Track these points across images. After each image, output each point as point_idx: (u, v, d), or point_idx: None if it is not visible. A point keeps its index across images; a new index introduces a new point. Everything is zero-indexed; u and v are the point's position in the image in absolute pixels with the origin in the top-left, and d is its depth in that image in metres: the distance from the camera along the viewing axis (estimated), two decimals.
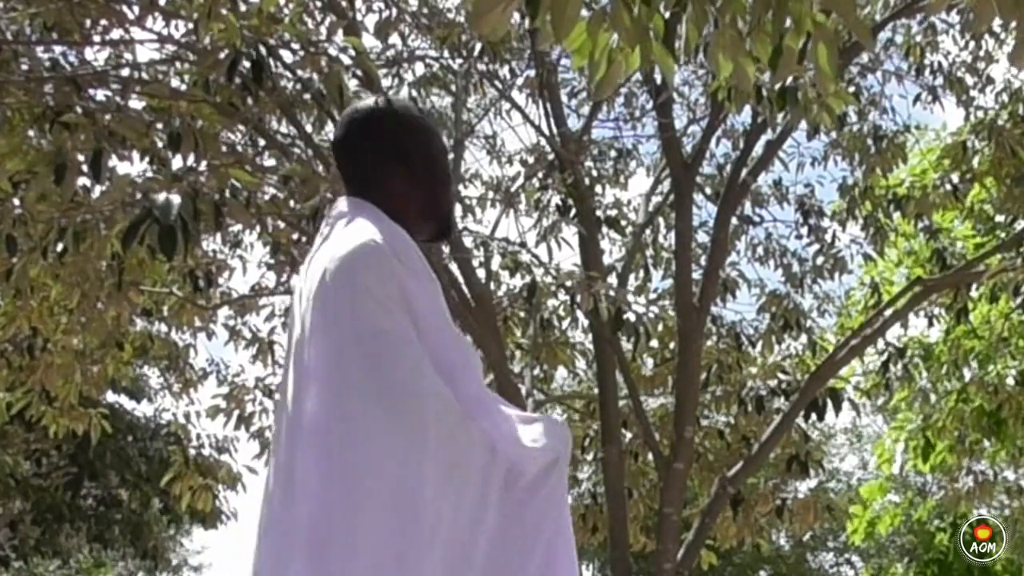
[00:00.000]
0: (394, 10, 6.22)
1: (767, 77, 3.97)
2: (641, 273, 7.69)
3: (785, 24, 2.12)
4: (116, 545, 13.44)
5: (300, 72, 5.09)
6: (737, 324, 7.48)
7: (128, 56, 5.34)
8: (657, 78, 6.22)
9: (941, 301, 7.53)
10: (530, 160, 7.33)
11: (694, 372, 6.44)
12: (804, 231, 7.66)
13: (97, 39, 5.17)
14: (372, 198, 1.84)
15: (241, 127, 5.48)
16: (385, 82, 6.64)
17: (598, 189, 7.54)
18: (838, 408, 6.44)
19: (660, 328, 6.81)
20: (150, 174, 4.54)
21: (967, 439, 8.83)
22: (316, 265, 1.75)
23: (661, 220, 7.94)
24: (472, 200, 7.04)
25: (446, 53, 6.62)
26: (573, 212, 6.87)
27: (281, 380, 1.82)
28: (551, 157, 6.92)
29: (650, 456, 6.83)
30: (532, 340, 6.82)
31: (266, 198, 5.05)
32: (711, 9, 2.22)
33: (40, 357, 6.10)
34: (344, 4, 5.67)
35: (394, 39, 6.48)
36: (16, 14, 4.81)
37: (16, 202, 4.52)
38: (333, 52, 4.67)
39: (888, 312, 6.78)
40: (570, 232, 6.91)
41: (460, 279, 6.05)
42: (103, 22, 5.01)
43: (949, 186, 7.33)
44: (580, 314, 5.94)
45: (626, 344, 6.18)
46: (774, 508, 7.25)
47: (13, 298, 5.45)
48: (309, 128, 5.72)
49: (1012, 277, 6.78)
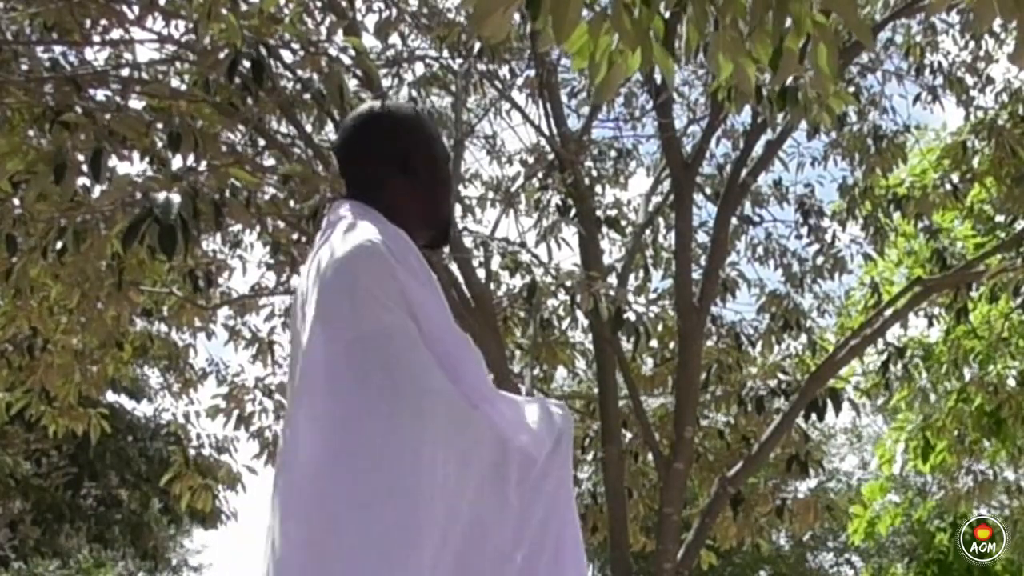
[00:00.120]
0: (394, 10, 6.23)
1: (767, 77, 3.98)
2: (641, 273, 7.68)
3: (785, 24, 2.12)
4: (116, 545, 13.44)
5: (300, 72, 5.09)
6: (737, 324, 7.47)
7: (128, 56, 5.34)
8: (657, 78, 6.22)
9: (941, 301, 7.52)
10: (530, 160, 7.33)
11: (694, 372, 6.44)
12: (804, 231, 7.66)
13: (97, 39, 5.17)
14: (372, 202, 1.84)
15: (241, 127, 5.48)
16: (385, 82, 6.64)
17: (598, 189, 7.55)
18: (838, 408, 6.44)
19: (660, 328, 6.81)
20: (150, 174, 4.54)
21: (967, 439, 8.84)
22: (316, 266, 1.75)
23: (661, 220, 7.94)
24: (472, 200, 7.05)
25: (446, 53, 6.62)
26: (573, 212, 6.87)
27: (288, 384, 1.82)
28: (551, 157, 6.92)
29: (650, 456, 6.82)
30: (532, 340, 6.81)
31: (266, 198, 5.05)
32: (711, 10, 2.22)
33: (40, 357, 6.10)
34: (344, 4, 5.68)
35: (394, 39, 6.49)
36: (16, 14, 4.81)
37: (16, 202, 4.52)
38: (333, 52, 4.68)
39: (888, 312, 6.78)
40: (570, 232, 6.92)
41: (460, 279, 6.05)
42: (103, 22, 5.01)
43: (949, 186, 7.33)
44: (580, 314, 5.93)
45: (626, 344, 6.18)
46: (774, 508, 7.25)
47: (13, 298, 5.45)
48: (309, 128, 5.72)
49: (1012, 277, 6.78)
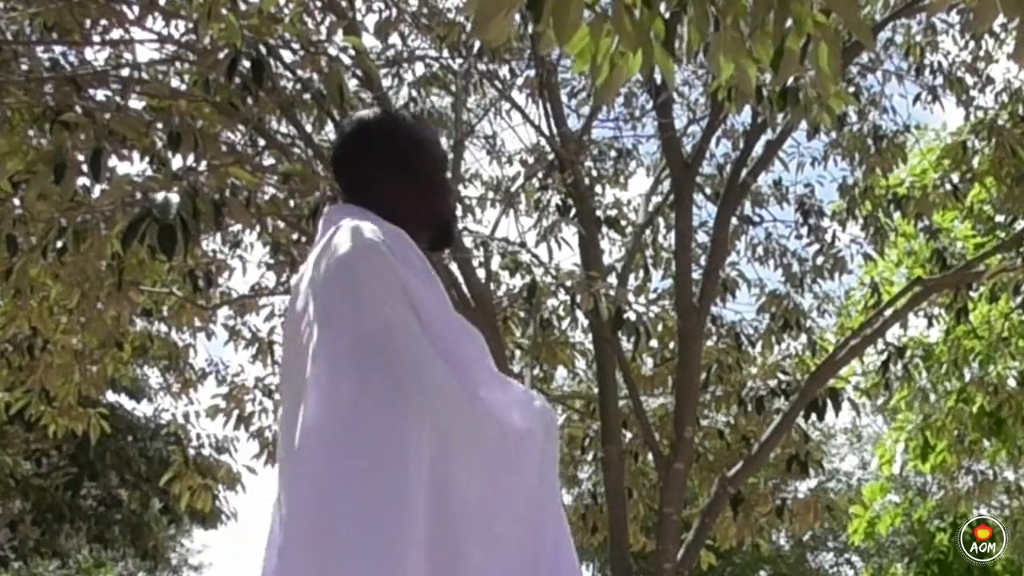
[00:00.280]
0: (394, 10, 6.22)
1: (768, 77, 3.97)
2: (641, 273, 7.68)
3: (786, 25, 2.12)
4: (116, 545, 13.44)
5: (300, 72, 5.09)
6: (737, 324, 7.47)
7: (128, 56, 5.34)
8: (657, 78, 6.22)
9: (941, 301, 7.52)
10: (530, 160, 7.33)
11: (694, 372, 6.44)
12: (804, 231, 7.66)
13: (97, 39, 5.17)
14: (371, 203, 1.86)
15: (241, 127, 5.48)
16: (385, 82, 6.64)
17: (598, 189, 7.55)
18: (838, 408, 6.44)
19: (660, 328, 6.81)
20: (150, 174, 4.54)
21: (967, 439, 8.84)
22: (315, 266, 1.75)
23: (661, 220, 7.94)
24: (472, 200, 7.04)
25: (446, 53, 6.62)
26: (573, 212, 6.87)
27: (282, 383, 1.81)
28: (551, 157, 6.92)
29: (650, 456, 6.82)
30: (532, 340, 6.81)
31: (266, 198, 5.05)
32: (711, 10, 2.22)
33: (40, 357, 6.10)
34: (344, 4, 5.67)
35: (394, 39, 6.49)
36: (16, 14, 4.80)
37: (16, 201, 4.52)
38: (333, 52, 4.67)
39: (888, 312, 6.78)
40: (570, 232, 6.92)
41: (460, 279, 6.05)
42: (103, 22, 5.01)
43: (949, 186, 7.32)
44: (580, 314, 5.93)
45: (626, 344, 6.18)
46: (774, 508, 7.25)
47: (13, 298, 5.45)
48: (309, 128, 5.72)
49: (1012, 277, 6.78)
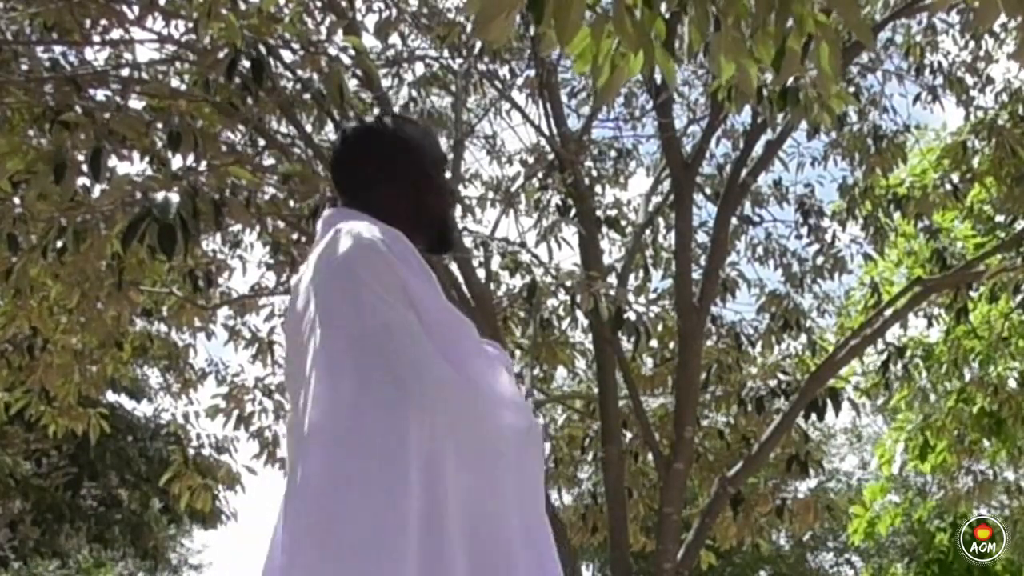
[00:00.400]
0: (394, 10, 6.22)
1: (768, 77, 3.97)
2: (641, 273, 7.68)
3: (787, 25, 2.12)
4: (116, 545, 13.44)
5: (300, 72, 5.09)
6: (737, 324, 7.47)
7: (128, 56, 5.34)
8: (657, 78, 6.22)
9: (941, 301, 7.52)
10: (530, 160, 7.33)
11: (694, 372, 6.44)
12: (804, 231, 7.65)
13: (97, 39, 5.17)
14: (367, 206, 1.87)
15: (241, 127, 5.48)
16: (385, 82, 6.64)
17: (598, 189, 7.55)
18: (838, 408, 6.44)
19: (660, 328, 6.81)
20: (150, 173, 4.54)
21: (967, 439, 8.83)
22: (314, 266, 1.76)
23: (661, 220, 7.93)
24: (472, 200, 7.04)
25: (446, 53, 6.62)
26: (573, 212, 6.87)
27: (287, 384, 1.82)
28: (551, 157, 6.92)
29: (650, 456, 6.82)
30: (532, 340, 6.81)
31: (266, 198, 5.05)
32: (712, 10, 2.22)
33: (40, 357, 6.09)
34: (344, 4, 5.67)
35: (394, 39, 6.49)
36: (16, 14, 4.80)
37: (16, 201, 4.52)
38: (333, 52, 4.67)
39: (888, 312, 6.78)
40: (570, 232, 6.91)
41: (460, 279, 6.05)
42: (103, 22, 5.00)
43: (949, 186, 7.32)
44: (580, 314, 5.93)
45: (626, 344, 6.18)
46: (774, 508, 7.24)
47: (13, 298, 5.44)
48: (309, 128, 5.72)
49: (1012, 277, 6.78)
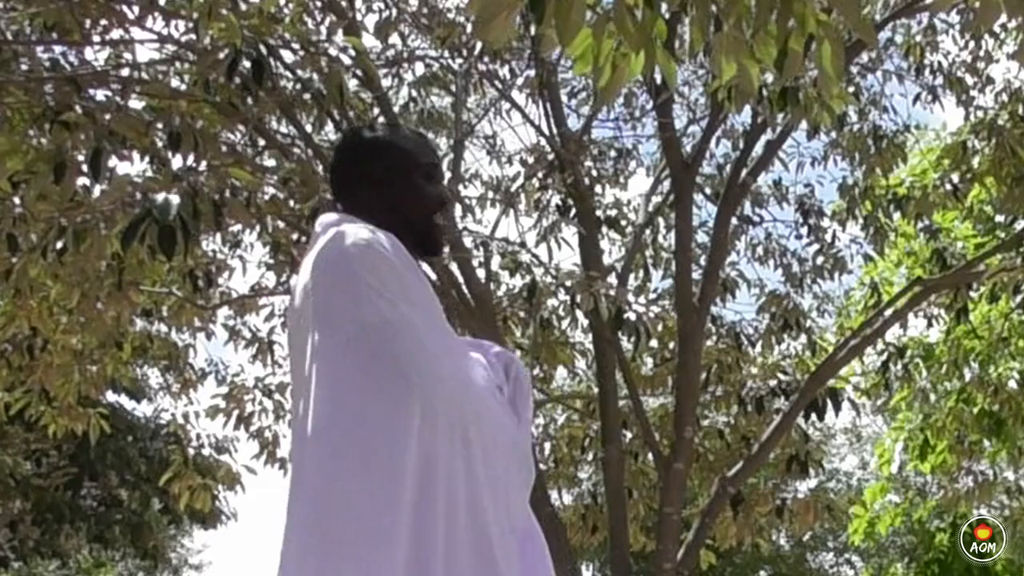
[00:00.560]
0: (394, 10, 6.22)
1: (768, 77, 3.97)
2: (641, 273, 7.68)
3: (789, 24, 2.12)
4: (116, 545, 13.44)
5: (300, 72, 5.09)
6: (737, 324, 7.47)
7: (128, 56, 5.33)
8: (657, 78, 6.22)
9: (941, 301, 7.52)
10: (530, 160, 7.32)
11: (694, 372, 6.44)
12: (804, 231, 7.66)
13: (97, 39, 5.16)
14: (358, 211, 1.92)
15: (241, 127, 5.48)
16: (385, 82, 6.64)
17: (598, 189, 7.54)
18: (838, 408, 6.44)
19: (660, 328, 6.80)
20: (150, 174, 4.54)
21: (967, 439, 8.83)
22: (309, 266, 1.78)
23: (661, 220, 7.93)
24: (472, 200, 7.04)
25: (446, 53, 6.62)
26: (573, 212, 6.87)
27: (292, 381, 1.86)
28: (551, 157, 6.91)
29: (650, 456, 6.82)
30: (532, 340, 6.81)
31: (266, 198, 5.05)
32: (713, 10, 2.21)
33: (40, 357, 6.09)
34: (344, 4, 5.67)
35: (394, 39, 6.47)
36: (16, 14, 4.80)
37: (16, 201, 4.52)
38: (333, 52, 4.67)
39: (888, 312, 6.78)
40: (570, 232, 6.91)
41: (460, 279, 6.04)
42: (103, 22, 5.00)
43: (949, 186, 7.32)
44: (580, 314, 5.92)
45: (626, 344, 6.18)
46: (774, 508, 7.25)
47: (13, 298, 5.44)
48: (309, 128, 5.72)
49: (1012, 277, 6.78)
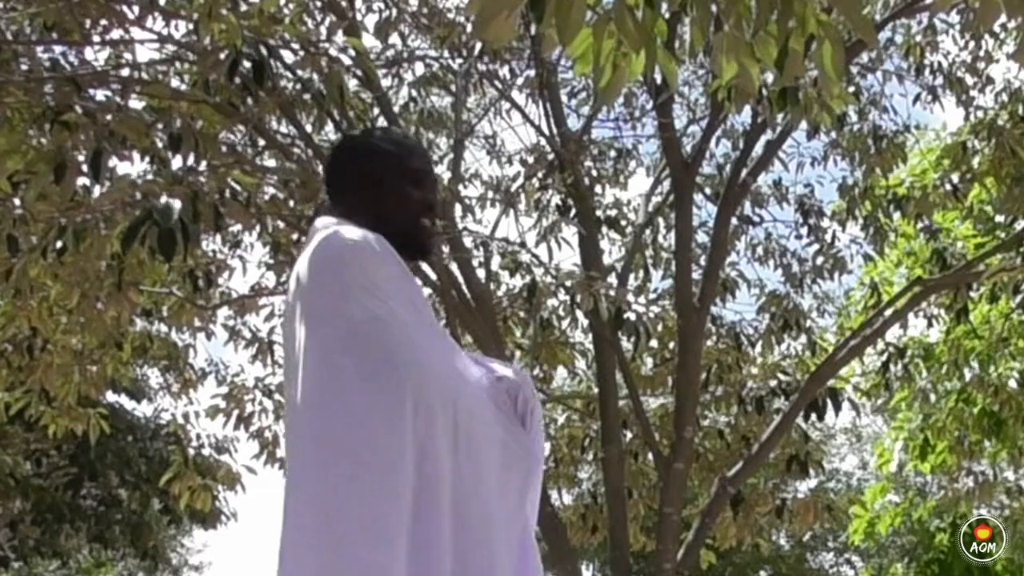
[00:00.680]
0: (394, 10, 6.22)
1: (769, 77, 3.97)
2: (641, 273, 7.68)
3: (789, 24, 2.12)
4: (116, 545, 13.42)
5: (300, 72, 5.09)
6: (737, 324, 7.47)
7: (128, 56, 5.33)
8: (657, 78, 6.22)
9: (941, 301, 7.52)
10: (530, 160, 7.31)
11: (694, 372, 6.44)
12: (804, 231, 7.66)
13: (97, 39, 5.16)
14: (347, 215, 1.94)
15: (241, 127, 5.48)
16: (385, 82, 6.64)
17: (598, 189, 7.54)
18: (838, 408, 6.45)
19: (660, 328, 6.80)
20: (150, 175, 4.54)
21: (967, 439, 8.83)
22: (301, 266, 1.82)
23: (661, 220, 7.93)
24: (472, 200, 7.04)
25: (446, 53, 6.62)
26: (573, 212, 6.87)
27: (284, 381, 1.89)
28: (551, 157, 6.91)
29: (650, 456, 6.82)
30: (532, 340, 6.81)
31: (266, 198, 5.05)
32: (713, 10, 2.21)
33: (40, 357, 6.08)
34: (344, 4, 5.67)
35: (394, 39, 6.48)
36: (16, 14, 4.80)
37: (16, 201, 4.51)
38: (333, 52, 4.67)
39: (888, 312, 6.78)
40: (570, 232, 6.91)
41: (460, 279, 6.04)
42: (103, 22, 5.00)
43: (949, 186, 7.33)
44: (580, 314, 5.93)
45: (626, 344, 6.18)
46: (774, 508, 7.25)
47: (13, 298, 5.44)
48: (309, 128, 5.72)
49: (1012, 277, 6.78)
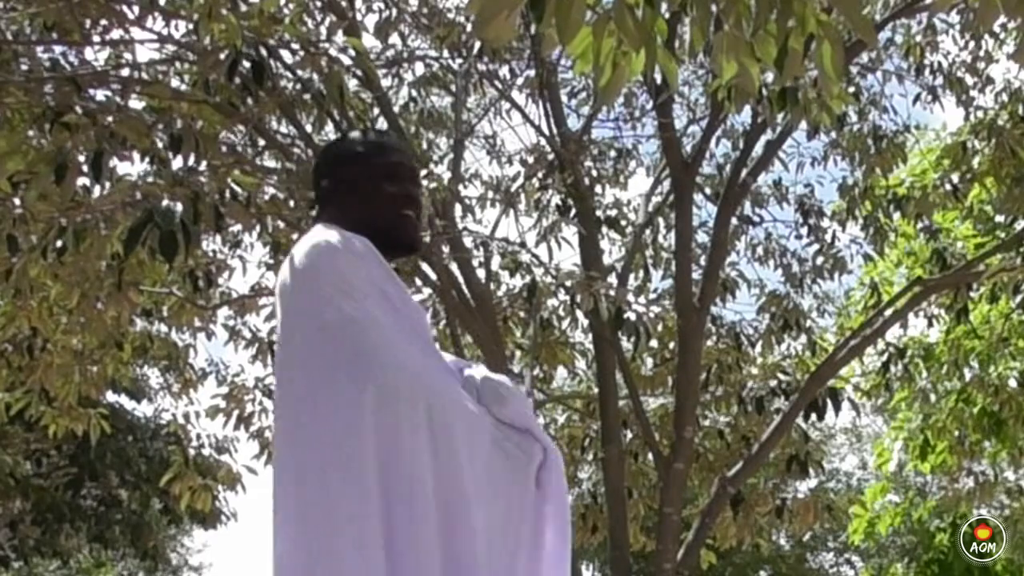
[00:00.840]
0: (394, 10, 6.22)
1: (769, 77, 3.97)
2: (641, 273, 7.68)
3: (788, 24, 2.12)
4: (116, 545, 13.42)
5: (300, 72, 5.09)
6: (737, 324, 7.47)
7: (128, 56, 5.33)
8: (657, 78, 6.22)
9: (941, 301, 7.52)
10: (530, 160, 7.31)
11: (694, 372, 6.44)
12: (804, 231, 7.66)
13: (97, 39, 5.16)
14: (331, 220, 2.00)
15: (241, 127, 5.48)
16: (385, 82, 6.64)
17: (598, 189, 7.53)
18: (838, 408, 6.45)
19: (660, 328, 6.80)
20: (150, 175, 4.54)
21: (967, 439, 8.83)
22: (283, 270, 1.90)
23: (661, 220, 7.93)
24: (472, 200, 7.04)
25: (446, 53, 6.62)
26: (573, 212, 6.87)
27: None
28: (551, 157, 6.91)
29: (650, 456, 6.82)
30: (532, 340, 6.80)
31: (266, 198, 5.05)
32: (713, 10, 2.21)
33: (40, 357, 6.08)
34: (344, 4, 5.67)
35: (394, 39, 6.48)
36: (16, 14, 4.80)
37: (16, 201, 4.51)
38: (333, 52, 4.67)
39: (888, 312, 6.78)
40: (570, 232, 6.90)
41: (460, 279, 6.04)
42: (103, 22, 5.00)
43: (949, 186, 7.32)
44: (580, 314, 5.92)
45: (626, 344, 6.18)
46: (774, 508, 7.24)
47: (13, 298, 5.44)
48: (309, 128, 5.72)
49: (1012, 277, 6.78)
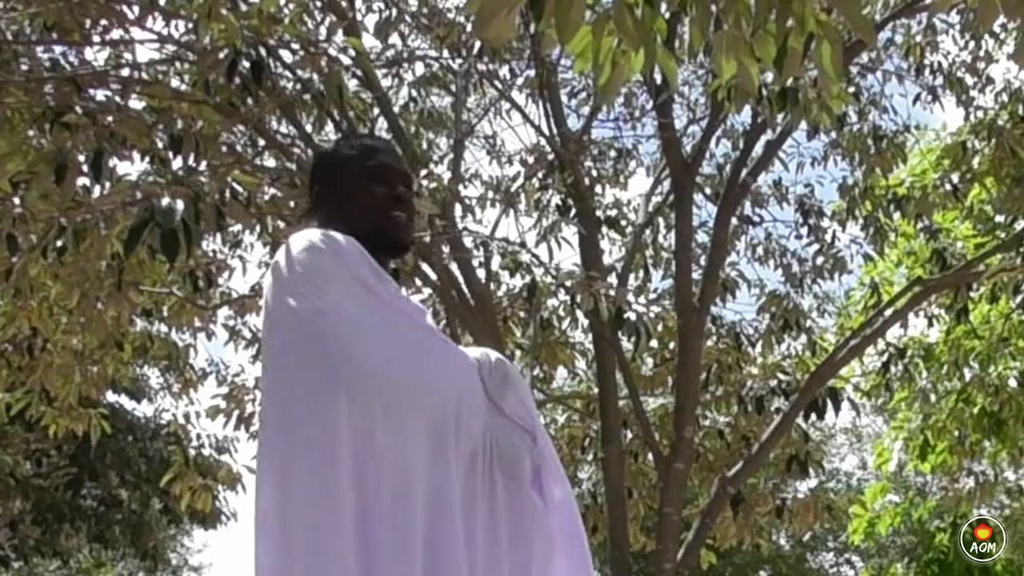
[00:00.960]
0: (394, 10, 6.22)
1: (769, 77, 3.97)
2: (641, 273, 7.68)
3: (788, 24, 2.12)
4: (116, 545, 13.42)
5: (300, 72, 5.09)
6: (737, 324, 7.47)
7: (128, 56, 5.33)
8: (657, 78, 6.22)
9: (941, 301, 7.52)
10: (530, 160, 7.31)
11: (694, 372, 6.44)
12: (804, 231, 7.66)
13: (97, 39, 5.17)
14: (321, 222, 2.05)
15: (241, 127, 5.48)
16: (385, 82, 6.64)
17: (598, 189, 7.53)
18: (838, 408, 6.44)
19: (660, 328, 6.80)
20: (150, 175, 4.54)
21: (967, 439, 8.83)
22: (269, 269, 1.94)
23: (661, 220, 7.93)
24: (472, 200, 7.03)
25: (446, 53, 6.62)
26: (573, 212, 6.86)
27: None
28: (551, 157, 6.91)
29: (650, 456, 6.82)
30: (532, 340, 6.81)
31: (266, 198, 5.05)
32: (713, 9, 2.22)
33: (40, 357, 6.08)
34: (344, 4, 5.67)
35: (394, 39, 6.48)
36: (16, 14, 4.80)
37: (16, 201, 4.51)
38: (333, 52, 4.67)
39: (888, 312, 6.78)
40: (570, 232, 6.90)
41: (460, 279, 6.04)
42: (103, 22, 5.00)
43: (949, 186, 7.32)
44: (580, 314, 5.92)
45: (626, 344, 6.17)
46: (774, 508, 7.24)
47: (13, 298, 5.44)
48: (309, 128, 5.72)
49: (1012, 277, 6.78)
